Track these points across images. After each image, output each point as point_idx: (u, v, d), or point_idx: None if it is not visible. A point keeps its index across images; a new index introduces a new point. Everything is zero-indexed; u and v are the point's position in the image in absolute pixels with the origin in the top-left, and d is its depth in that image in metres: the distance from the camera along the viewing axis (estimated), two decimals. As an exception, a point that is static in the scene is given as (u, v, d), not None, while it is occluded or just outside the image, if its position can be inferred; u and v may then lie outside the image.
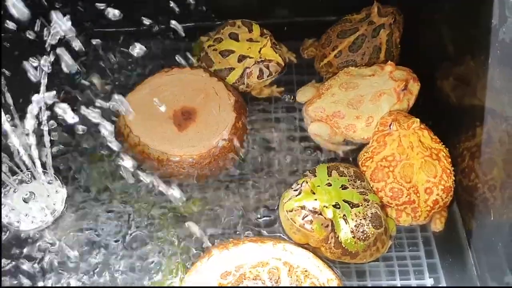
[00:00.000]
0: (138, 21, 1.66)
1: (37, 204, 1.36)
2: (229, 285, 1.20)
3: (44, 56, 1.17)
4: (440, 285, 1.29)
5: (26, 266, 1.28)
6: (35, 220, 1.34)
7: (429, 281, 1.30)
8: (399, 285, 1.29)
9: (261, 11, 1.66)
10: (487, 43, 1.17)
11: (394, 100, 1.44)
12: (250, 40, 1.57)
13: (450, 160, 1.36)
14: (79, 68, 1.50)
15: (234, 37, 1.58)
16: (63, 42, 1.14)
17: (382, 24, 1.56)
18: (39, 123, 1.24)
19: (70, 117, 1.12)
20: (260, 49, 1.53)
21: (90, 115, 1.16)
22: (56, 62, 1.17)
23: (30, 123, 1.21)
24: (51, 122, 1.35)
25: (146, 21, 1.59)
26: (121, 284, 1.27)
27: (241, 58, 1.54)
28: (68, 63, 1.11)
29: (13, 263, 1.29)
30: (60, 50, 1.10)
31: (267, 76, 1.56)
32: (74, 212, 1.38)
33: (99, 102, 1.26)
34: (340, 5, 1.66)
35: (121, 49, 1.65)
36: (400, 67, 1.50)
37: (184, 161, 1.40)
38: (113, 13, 1.27)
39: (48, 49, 1.15)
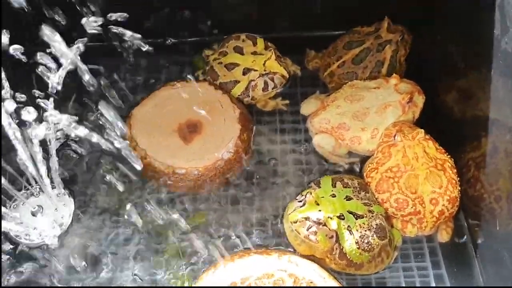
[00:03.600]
0: (144, 36, 1.69)
1: (45, 217, 1.38)
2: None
3: (53, 72, 1.19)
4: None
5: (33, 279, 1.29)
6: (43, 233, 1.36)
7: (435, 292, 1.29)
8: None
9: (264, 26, 1.68)
10: (489, 54, 1.18)
11: (400, 113, 1.45)
12: (255, 53, 1.58)
13: (455, 170, 1.35)
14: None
15: (239, 51, 1.60)
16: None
17: (389, 40, 1.57)
18: (47, 137, 1.26)
19: (79, 131, 1.14)
20: (265, 61, 1.55)
21: (98, 129, 1.18)
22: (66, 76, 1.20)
23: (38, 136, 1.22)
24: (59, 135, 1.37)
25: (152, 36, 1.61)
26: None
27: (246, 71, 1.55)
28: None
29: (21, 276, 1.30)
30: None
31: (272, 89, 1.57)
32: (81, 225, 1.39)
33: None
34: (342, 20, 1.67)
35: (127, 63, 1.68)
36: (405, 80, 1.50)
37: (190, 174, 1.41)
38: (118, 27, 1.29)
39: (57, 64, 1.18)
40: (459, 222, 1.39)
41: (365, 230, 1.24)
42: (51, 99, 1.22)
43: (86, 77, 1.15)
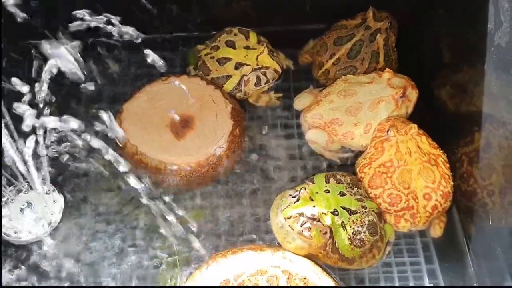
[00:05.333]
0: (136, 30, 1.67)
1: (34, 214, 1.36)
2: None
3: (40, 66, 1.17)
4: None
5: (23, 276, 1.28)
6: (32, 231, 1.34)
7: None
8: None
9: (256, 19, 1.66)
10: (483, 48, 1.18)
11: (393, 107, 1.44)
12: (247, 47, 1.57)
13: (448, 165, 1.35)
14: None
15: (231, 45, 1.58)
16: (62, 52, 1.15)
17: (379, 28, 1.56)
18: (35, 133, 1.24)
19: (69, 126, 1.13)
20: (257, 56, 1.53)
21: (89, 124, 1.16)
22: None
23: (26, 132, 1.20)
24: (48, 130, 1.35)
25: (143, 31, 1.59)
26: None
27: (238, 66, 1.54)
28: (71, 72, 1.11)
29: (10, 274, 1.28)
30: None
31: (265, 83, 1.56)
32: (71, 222, 1.37)
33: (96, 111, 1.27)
34: (335, 12, 1.66)
35: (118, 58, 1.66)
36: (398, 74, 1.50)
37: (182, 170, 1.39)
38: (110, 23, 1.28)
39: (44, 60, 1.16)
40: (452, 217, 1.39)
41: (358, 226, 1.24)
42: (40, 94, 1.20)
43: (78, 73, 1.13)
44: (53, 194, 1.40)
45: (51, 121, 1.19)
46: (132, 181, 1.30)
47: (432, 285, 1.29)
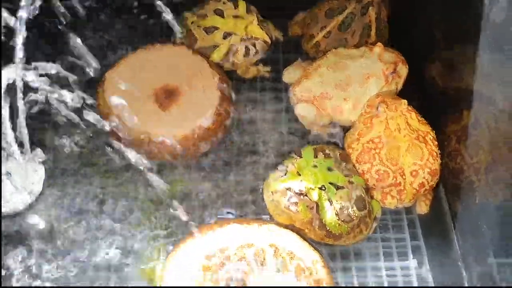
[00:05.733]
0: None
1: (14, 184, 1.31)
2: (213, 266, 1.18)
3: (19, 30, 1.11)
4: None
5: (3, 249, 1.25)
6: (11, 200, 1.30)
7: (412, 263, 1.30)
8: (383, 267, 1.29)
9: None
10: (477, 25, 1.15)
11: (383, 83, 1.43)
12: (236, 16, 1.52)
13: (437, 143, 1.35)
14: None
15: (219, 13, 1.53)
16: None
17: (371, 1, 1.53)
18: (15, 98, 1.18)
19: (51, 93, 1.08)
20: (247, 26, 1.49)
21: (70, 93, 1.12)
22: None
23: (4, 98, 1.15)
24: (28, 97, 1.29)
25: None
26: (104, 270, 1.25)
27: (226, 35, 1.50)
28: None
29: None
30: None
31: (254, 55, 1.52)
32: (53, 192, 1.34)
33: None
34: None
35: (102, 25, 1.60)
36: (389, 49, 1.48)
37: (167, 142, 1.36)
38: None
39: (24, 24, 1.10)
40: (438, 194, 1.40)
41: (345, 202, 1.23)
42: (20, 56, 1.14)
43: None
44: (33, 163, 1.36)
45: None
46: (115, 151, 1.27)
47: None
